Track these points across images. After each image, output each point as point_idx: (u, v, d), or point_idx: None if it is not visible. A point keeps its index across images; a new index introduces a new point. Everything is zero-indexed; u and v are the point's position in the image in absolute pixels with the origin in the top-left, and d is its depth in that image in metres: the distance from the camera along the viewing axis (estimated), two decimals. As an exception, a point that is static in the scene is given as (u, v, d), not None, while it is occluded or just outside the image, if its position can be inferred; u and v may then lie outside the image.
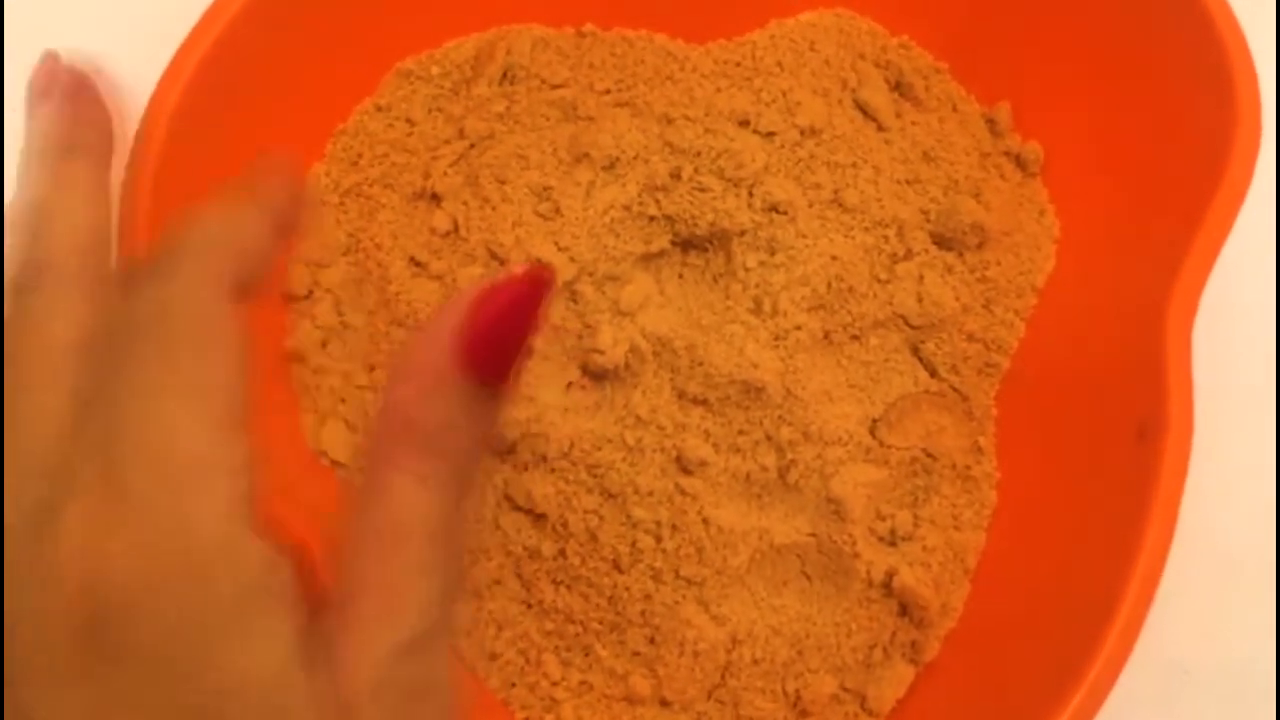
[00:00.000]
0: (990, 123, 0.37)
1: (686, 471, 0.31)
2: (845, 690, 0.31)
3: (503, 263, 0.32)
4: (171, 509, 0.18)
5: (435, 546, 0.20)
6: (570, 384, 0.32)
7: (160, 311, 0.20)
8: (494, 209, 0.33)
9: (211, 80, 0.31)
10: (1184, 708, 0.34)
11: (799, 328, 0.32)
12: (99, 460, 0.19)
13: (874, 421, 0.33)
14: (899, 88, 0.37)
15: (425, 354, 0.20)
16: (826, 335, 0.33)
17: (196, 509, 0.19)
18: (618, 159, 0.33)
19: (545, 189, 0.33)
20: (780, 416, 0.31)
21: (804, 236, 0.33)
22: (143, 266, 0.21)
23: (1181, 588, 0.33)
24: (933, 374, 0.34)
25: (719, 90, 0.35)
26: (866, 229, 0.34)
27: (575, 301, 0.32)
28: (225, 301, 0.21)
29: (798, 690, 0.31)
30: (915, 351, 0.34)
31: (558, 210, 0.33)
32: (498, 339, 0.20)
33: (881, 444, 0.32)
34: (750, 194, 0.33)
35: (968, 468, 0.33)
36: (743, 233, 0.33)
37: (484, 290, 0.20)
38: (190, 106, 0.30)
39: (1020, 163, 0.36)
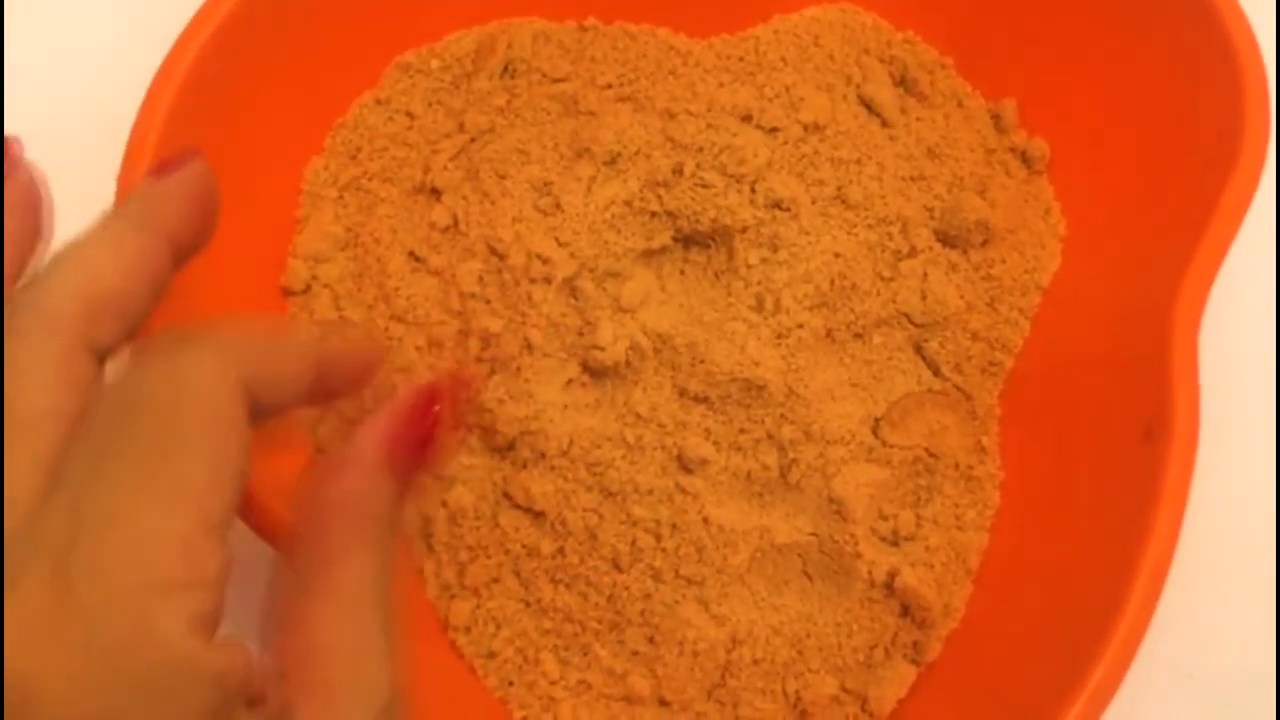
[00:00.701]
0: (995, 119, 0.37)
1: (687, 470, 0.31)
2: (846, 691, 0.31)
3: (502, 258, 0.32)
4: (129, 621, 0.17)
5: (384, 607, 0.21)
6: (570, 381, 0.32)
7: (167, 395, 0.19)
8: (494, 204, 0.33)
9: (209, 73, 0.30)
10: (1187, 711, 0.33)
11: (801, 325, 0.32)
12: (60, 548, 0.17)
13: (876, 420, 0.32)
14: (904, 83, 0.36)
15: (363, 452, 0.22)
16: (829, 333, 0.32)
17: (157, 625, 0.17)
18: (619, 154, 0.33)
19: (546, 184, 0.33)
20: (782, 415, 0.31)
21: (807, 233, 0.32)
22: (156, 341, 0.20)
23: (1185, 591, 0.32)
24: (936, 373, 0.34)
25: (722, 85, 0.35)
26: (870, 226, 0.33)
27: (575, 298, 0.32)
28: (241, 405, 0.20)
29: (798, 691, 0.30)
30: (918, 350, 0.34)
31: (558, 206, 0.32)
32: (412, 442, 0.23)
33: (884, 443, 0.32)
34: (753, 190, 0.32)
35: (971, 467, 0.33)
36: (745, 229, 0.32)
37: (396, 406, 0.23)
38: (187, 100, 0.30)
39: (1026, 160, 0.36)
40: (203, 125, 0.30)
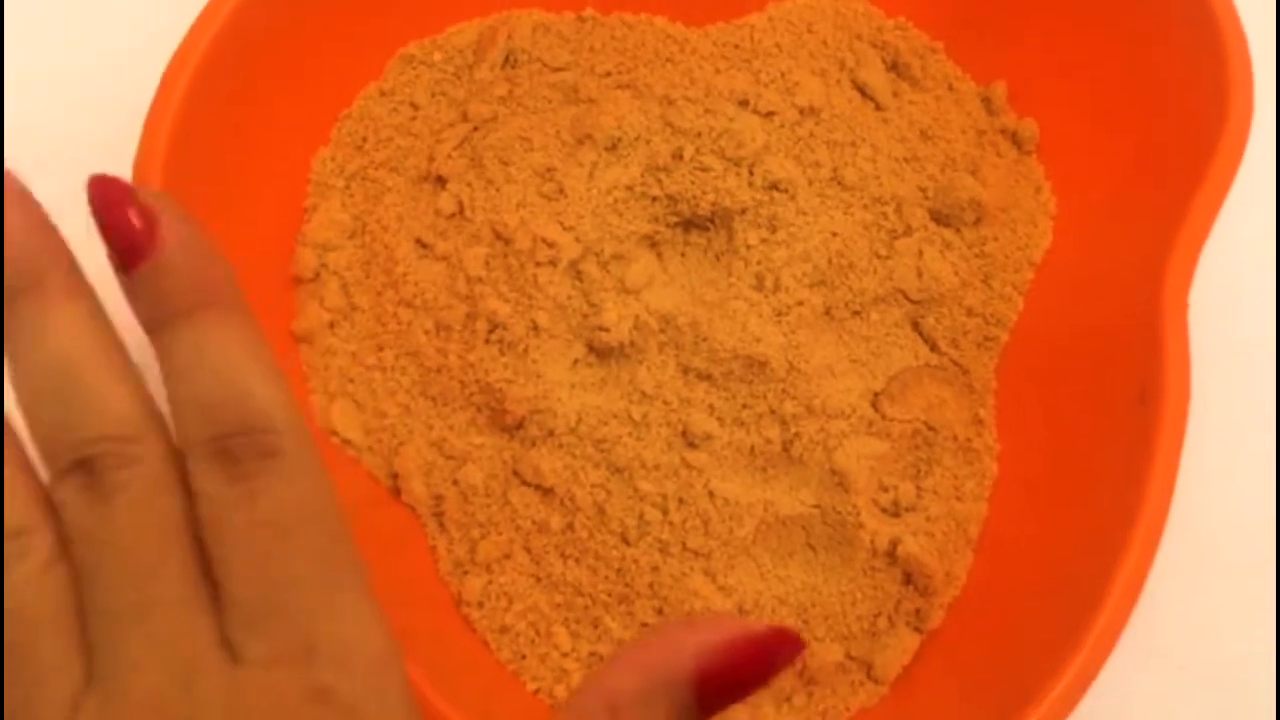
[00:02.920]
0: (986, 101, 0.37)
1: (692, 445, 0.32)
2: (851, 658, 0.31)
3: (508, 242, 0.32)
4: None
5: None
6: (576, 361, 0.32)
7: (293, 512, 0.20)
8: (498, 190, 0.33)
9: (218, 67, 0.31)
10: (1180, 704, 0.34)
11: (801, 303, 0.33)
12: None
13: (876, 395, 0.33)
14: (896, 68, 0.37)
15: (658, 654, 0.20)
16: (828, 310, 0.33)
17: None
18: (620, 140, 0.33)
19: (549, 170, 0.33)
20: (783, 390, 0.32)
21: (804, 214, 0.33)
22: (248, 449, 0.20)
23: (1178, 585, 0.33)
24: (933, 348, 0.34)
25: (719, 72, 0.36)
26: (866, 206, 0.34)
27: (580, 280, 0.32)
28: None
29: (804, 659, 0.31)
30: (915, 326, 0.34)
31: (561, 191, 0.33)
32: (734, 681, 0.20)
33: (883, 417, 0.33)
34: (751, 173, 0.33)
35: (969, 440, 0.33)
36: (744, 211, 0.33)
37: (739, 633, 0.20)
38: (197, 93, 0.30)
39: (1016, 140, 0.37)
40: (213, 118, 0.31)
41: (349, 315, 0.34)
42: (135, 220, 0.21)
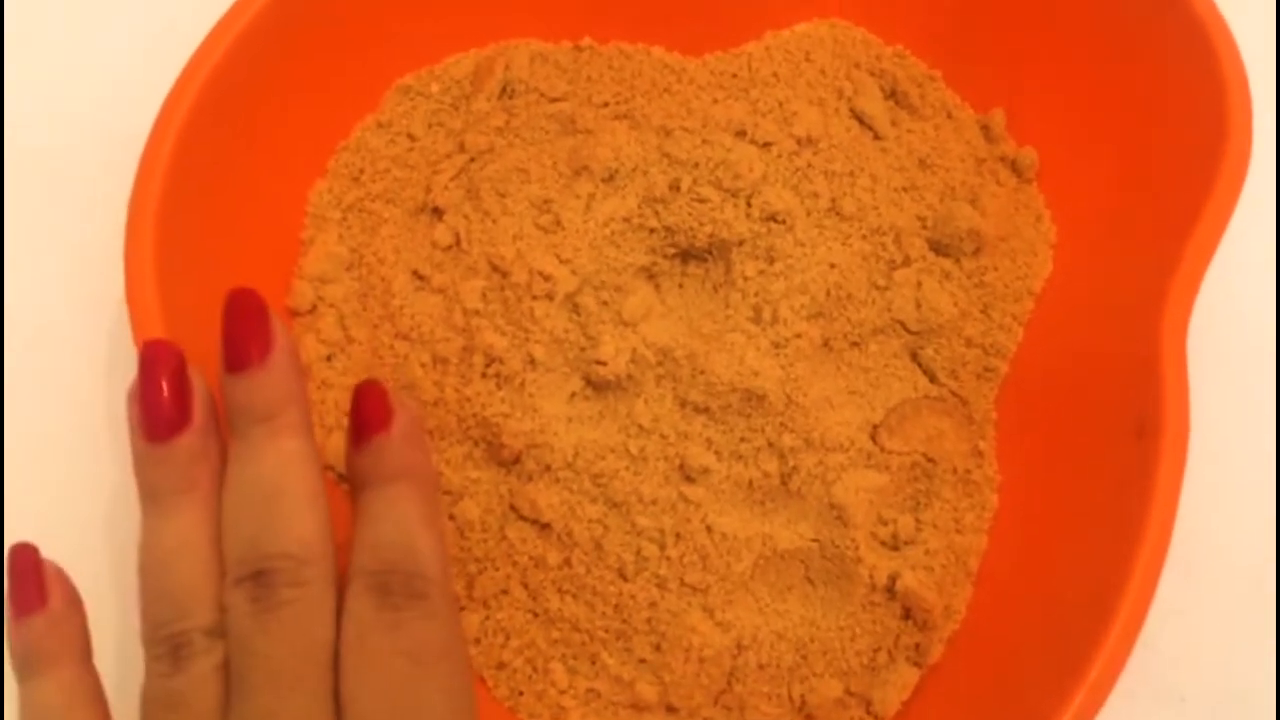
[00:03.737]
0: (985, 129, 0.37)
1: (689, 479, 0.31)
2: (850, 694, 0.31)
3: (505, 275, 0.32)
4: None
5: None
6: (573, 395, 0.32)
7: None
8: (495, 222, 0.33)
9: (215, 100, 0.31)
10: None
11: (799, 335, 0.32)
12: None
13: (875, 427, 0.33)
14: (894, 96, 0.37)
15: None
16: (826, 342, 0.33)
17: None
18: (617, 171, 0.33)
19: (546, 202, 0.33)
20: (781, 423, 0.32)
21: (802, 245, 0.33)
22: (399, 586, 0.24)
23: (1179, 614, 0.33)
24: (932, 379, 0.34)
25: (716, 101, 0.35)
26: (864, 236, 0.34)
27: (577, 313, 0.32)
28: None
29: (803, 695, 0.31)
30: (914, 357, 0.34)
31: (558, 223, 0.33)
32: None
33: (882, 449, 0.33)
34: (748, 204, 0.33)
35: (968, 472, 0.33)
36: (741, 242, 0.33)
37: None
38: (195, 125, 0.30)
39: (1016, 168, 0.37)
40: (210, 149, 0.31)
41: (345, 348, 0.34)
42: (381, 408, 0.26)
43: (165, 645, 0.24)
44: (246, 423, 0.25)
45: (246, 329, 0.25)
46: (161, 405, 0.25)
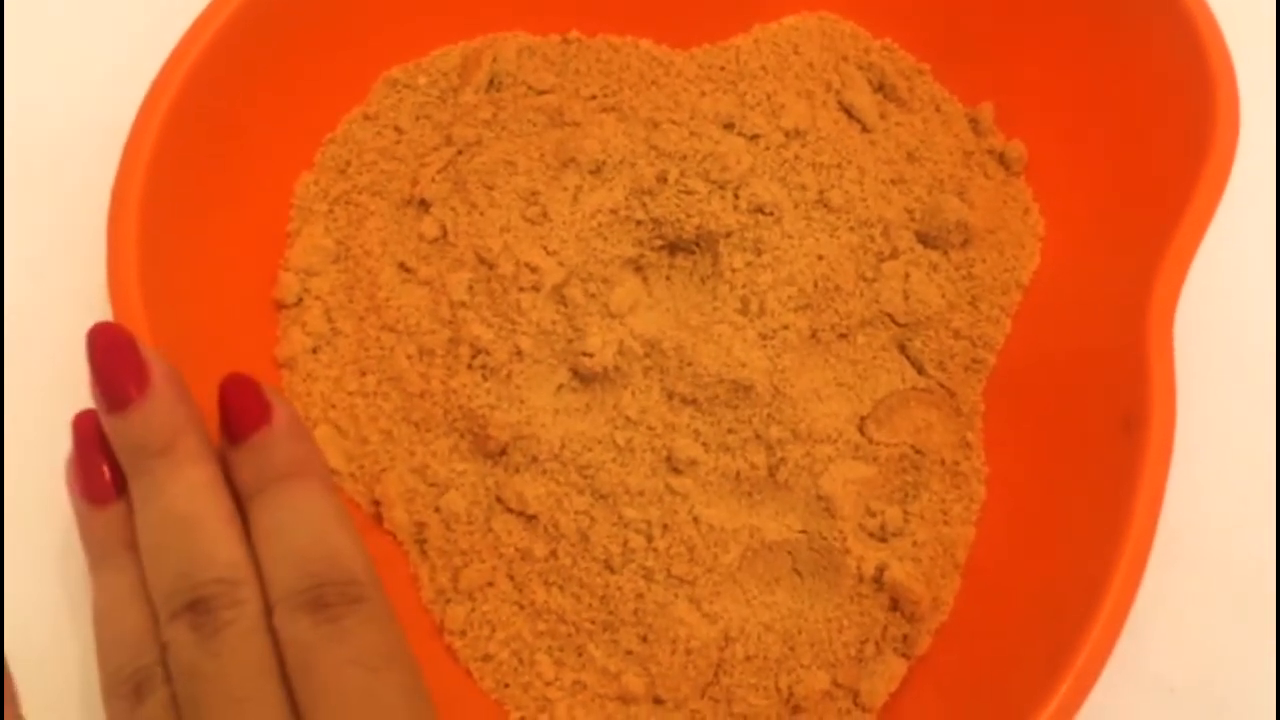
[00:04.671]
0: (973, 122, 0.37)
1: (677, 471, 0.31)
2: (838, 685, 0.31)
3: (491, 267, 0.32)
4: None
5: None
6: (560, 386, 0.32)
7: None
8: (482, 214, 0.33)
9: (200, 91, 0.31)
10: None
11: (786, 327, 0.32)
12: None
13: (862, 419, 0.33)
14: (882, 89, 0.37)
15: None
16: (814, 334, 0.33)
17: None
18: (604, 163, 0.33)
19: (533, 194, 0.33)
20: (769, 415, 0.32)
21: (790, 237, 0.33)
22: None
23: (1167, 605, 0.33)
24: (920, 371, 0.34)
25: (704, 94, 0.35)
26: (852, 229, 0.34)
27: (564, 305, 0.32)
28: None
29: (790, 686, 0.31)
30: (902, 349, 0.34)
31: (545, 215, 0.33)
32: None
33: (870, 441, 0.33)
34: (736, 196, 0.33)
35: (956, 463, 0.33)
36: (729, 234, 0.33)
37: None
38: (179, 117, 0.30)
39: (1004, 161, 0.37)
40: (194, 141, 0.31)
41: (331, 340, 0.34)
42: (255, 403, 0.25)
43: (128, 685, 0.24)
44: (144, 458, 0.24)
45: (117, 365, 0.24)
46: (100, 476, 0.25)
